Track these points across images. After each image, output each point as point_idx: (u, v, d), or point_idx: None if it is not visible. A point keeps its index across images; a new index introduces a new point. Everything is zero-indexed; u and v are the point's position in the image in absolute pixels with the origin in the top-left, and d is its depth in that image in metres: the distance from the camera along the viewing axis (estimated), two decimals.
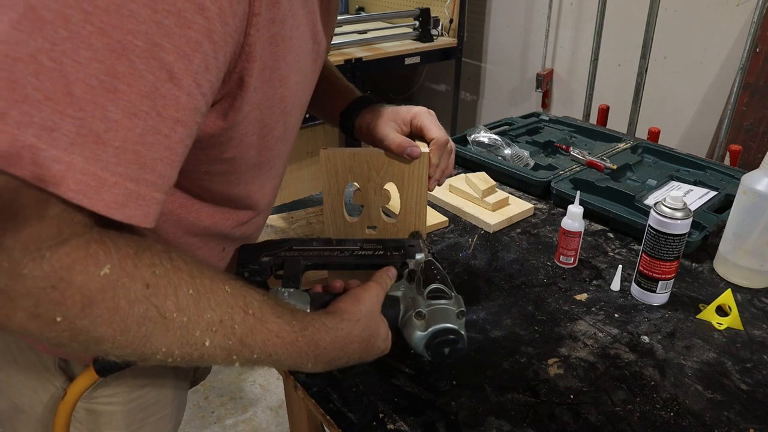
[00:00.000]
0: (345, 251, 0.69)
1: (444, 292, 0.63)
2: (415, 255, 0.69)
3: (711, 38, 1.97)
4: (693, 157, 1.24)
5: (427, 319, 0.60)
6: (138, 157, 0.39)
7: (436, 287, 0.63)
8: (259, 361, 0.51)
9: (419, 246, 0.71)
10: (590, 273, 0.90)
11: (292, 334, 0.52)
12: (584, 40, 2.36)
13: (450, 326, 0.59)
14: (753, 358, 0.73)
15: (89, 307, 0.40)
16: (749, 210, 0.84)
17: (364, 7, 2.94)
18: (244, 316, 0.48)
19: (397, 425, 0.63)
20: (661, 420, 0.64)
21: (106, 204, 0.38)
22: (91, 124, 0.36)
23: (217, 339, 0.47)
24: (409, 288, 0.65)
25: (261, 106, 0.52)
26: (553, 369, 0.70)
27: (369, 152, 0.73)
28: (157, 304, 0.43)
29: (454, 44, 2.52)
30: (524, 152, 1.24)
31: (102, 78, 0.36)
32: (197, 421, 1.78)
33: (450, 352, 0.60)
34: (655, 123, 1.79)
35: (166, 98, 0.39)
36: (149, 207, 0.41)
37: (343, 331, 0.56)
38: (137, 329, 0.42)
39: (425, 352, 0.60)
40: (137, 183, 0.39)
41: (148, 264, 0.43)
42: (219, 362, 0.49)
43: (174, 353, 0.45)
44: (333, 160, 0.73)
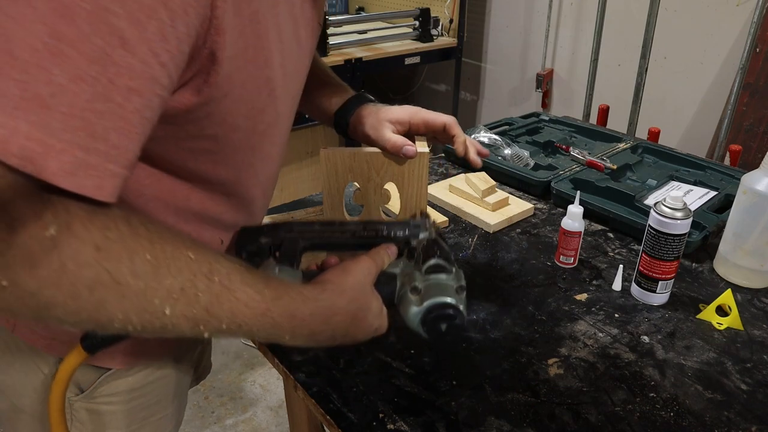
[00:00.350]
0: (346, 232, 0.66)
1: (443, 266, 0.59)
2: (419, 234, 0.65)
3: (711, 38, 1.97)
4: (693, 157, 1.24)
5: (422, 294, 0.57)
6: (87, 125, 0.37)
7: (435, 262, 0.59)
8: (231, 332, 0.48)
9: (425, 226, 0.66)
10: (590, 273, 0.90)
11: (263, 303, 0.49)
12: (584, 40, 2.36)
13: (447, 300, 0.56)
14: (753, 358, 0.73)
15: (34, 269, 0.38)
16: (749, 210, 0.84)
17: (364, 7, 2.94)
18: (209, 284, 0.46)
19: (397, 425, 0.63)
20: (661, 420, 0.64)
21: (52, 171, 0.36)
22: (36, 87, 0.35)
23: (179, 307, 0.44)
24: (407, 264, 0.62)
25: (246, 85, 0.51)
26: (553, 369, 0.70)
27: (369, 152, 0.73)
28: (110, 269, 0.40)
29: (454, 44, 2.52)
30: (524, 152, 1.24)
31: (46, 40, 0.35)
32: (197, 421, 1.78)
33: (447, 329, 0.56)
34: (655, 123, 1.79)
35: (118, 65, 0.38)
36: (102, 178, 0.39)
37: (324, 302, 0.53)
38: (89, 294, 0.40)
39: (421, 328, 0.57)
40: (87, 152, 0.38)
41: (100, 227, 0.40)
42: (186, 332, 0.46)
43: (132, 320, 0.43)
44: (333, 160, 0.73)
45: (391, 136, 0.72)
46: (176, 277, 0.44)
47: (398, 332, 0.76)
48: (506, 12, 2.65)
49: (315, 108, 0.83)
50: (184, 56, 0.43)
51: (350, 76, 2.22)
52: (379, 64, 2.31)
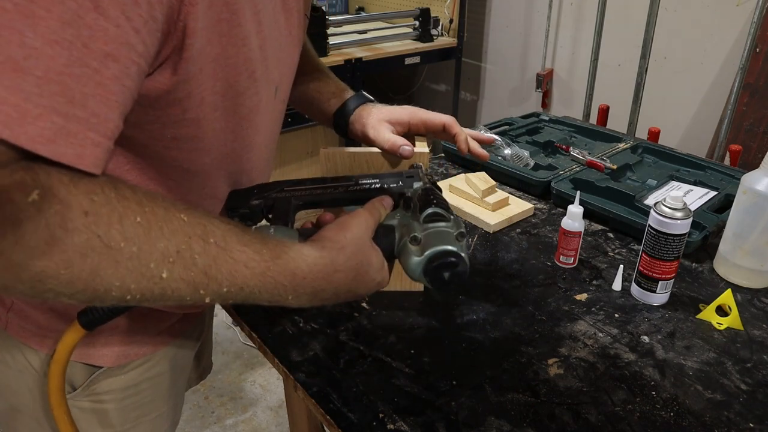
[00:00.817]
0: (339, 187, 0.64)
1: (441, 215, 0.58)
2: (413, 184, 0.64)
3: (711, 38, 1.97)
4: (693, 157, 1.24)
5: (423, 243, 0.55)
6: (64, 89, 0.37)
7: (432, 211, 0.58)
8: (232, 295, 0.47)
9: (418, 176, 0.66)
10: (590, 273, 0.90)
11: (263, 263, 0.48)
12: (584, 40, 2.36)
13: (448, 248, 0.54)
14: (753, 358, 0.73)
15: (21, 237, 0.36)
16: (749, 210, 0.84)
17: (364, 7, 2.94)
18: (205, 245, 0.45)
19: (397, 425, 0.62)
20: (661, 420, 0.64)
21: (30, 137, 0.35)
22: (9, 50, 0.34)
23: (176, 271, 0.43)
24: (404, 215, 0.60)
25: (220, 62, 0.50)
26: (553, 369, 0.70)
27: (369, 152, 0.73)
28: (100, 233, 0.39)
29: (454, 44, 2.52)
30: (524, 152, 1.24)
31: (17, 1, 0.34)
32: (197, 421, 1.78)
33: (451, 277, 0.55)
34: (655, 123, 1.79)
35: (92, 29, 0.37)
36: (83, 147, 0.38)
37: (324, 259, 0.52)
38: (81, 261, 0.39)
39: (424, 278, 0.56)
40: (66, 118, 0.37)
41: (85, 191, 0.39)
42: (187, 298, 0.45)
43: (130, 288, 0.42)
44: (333, 160, 0.73)
45: (389, 136, 0.72)
46: (170, 239, 0.43)
47: (398, 332, 0.76)
48: (506, 12, 2.65)
49: (314, 108, 0.83)
50: (157, 24, 0.42)
51: (350, 76, 2.22)
52: (379, 64, 2.31)
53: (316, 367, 0.70)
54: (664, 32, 1.98)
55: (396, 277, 0.82)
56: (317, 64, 0.85)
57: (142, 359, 0.71)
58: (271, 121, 0.67)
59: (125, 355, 0.68)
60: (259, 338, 0.75)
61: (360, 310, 0.80)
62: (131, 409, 0.72)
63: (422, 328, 0.77)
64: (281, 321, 0.78)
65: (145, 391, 0.72)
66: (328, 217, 0.61)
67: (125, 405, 0.71)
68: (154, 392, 0.74)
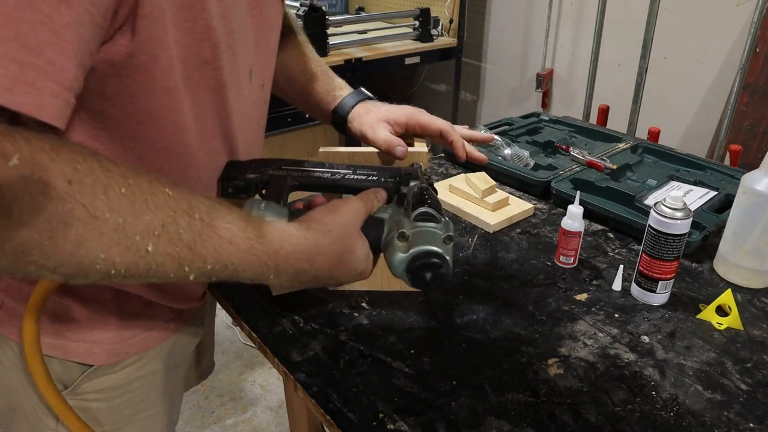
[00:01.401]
0: (337, 174, 0.65)
1: (432, 215, 0.58)
2: (410, 182, 0.64)
3: (711, 38, 1.97)
4: (693, 157, 1.24)
5: (409, 241, 0.55)
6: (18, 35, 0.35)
7: (424, 210, 0.58)
8: (216, 273, 0.47)
9: (416, 174, 0.66)
10: (590, 273, 0.90)
11: (247, 240, 0.47)
12: (584, 40, 2.36)
13: (433, 249, 0.54)
14: (753, 358, 0.73)
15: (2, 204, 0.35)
16: (749, 210, 0.84)
17: (364, 7, 2.94)
18: (190, 221, 0.44)
19: (397, 425, 0.63)
20: (661, 420, 0.64)
21: None
22: None
23: (162, 245, 0.42)
24: (396, 211, 0.60)
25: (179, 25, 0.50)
26: (553, 369, 0.70)
27: (367, 152, 0.73)
28: (84, 203, 0.38)
29: (454, 44, 2.52)
30: (524, 152, 1.24)
31: None
32: (197, 421, 1.78)
33: (432, 279, 0.55)
34: (655, 123, 1.79)
35: None
36: (42, 96, 0.37)
37: (309, 240, 0.51)
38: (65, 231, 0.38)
39: (405, 275, 0.56)
40: (22, 66, 0.36)
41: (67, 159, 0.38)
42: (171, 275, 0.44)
43: (115, 261, 0.41)
44: (331, 160, 0.73)
45: (386, 135, 0.72)
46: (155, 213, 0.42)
47: (398, 332, 0.76)
48: (506, 12, 2.65)
49: (314, 105, 0.83)
50: None
51: (350, 76, 2.22)
52: (379, 64, 2.31)
53: (316, 367, 0.70)
54: (664, 32, 1.98)
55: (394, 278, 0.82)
56: (318, 63, 0.85)
57: (134, 357, 0.70)
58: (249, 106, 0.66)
59: (117, 353, 0.68)
60: (259, 338, 0.75)
61: (360, 310, 0.80)
62: (123, 408, 0.71)
63: (422, 328, 0.77)
64: (281, 321, 0.78)
65: (138, 390, 0.72)
66: (320, 200, 0.61)
67: (116, 404, 0.70)
68: (148, 390, 0.73)
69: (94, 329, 0.65)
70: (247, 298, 0.82)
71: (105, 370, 0.68)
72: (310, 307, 0.80)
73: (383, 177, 0.65)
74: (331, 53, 2.18)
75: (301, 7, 2.05)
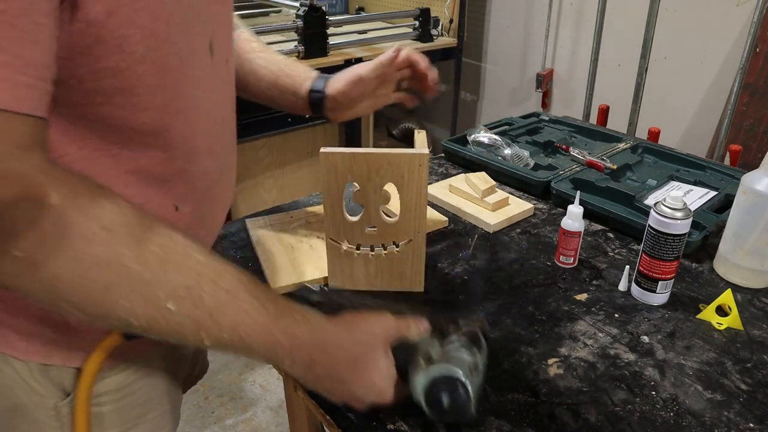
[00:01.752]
0: None
1: (464, 343, 0.57)
2: None
3: (711, 38, 1.97)
4: (693, 157, 1.24)
5: (435, 363, 0.55)
6: None
7: (458, 338, 0.58)
8: (231, 344, 0.47)
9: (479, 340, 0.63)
10: (590, 273, 0.90)
11: (266, 317, 0.48)
12: (584, 40, 2.36)
13: (455, 373, 0.53)
14: (753, 358, 0.73)
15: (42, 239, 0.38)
16: (749, 210, 0.84)
17: (364, 7, 2.94)
18: (215, 288, 0.46)
19: (397, 425, 0.62)
20: (661, 420, 0.64)
21: None
22: None
23: (184, 306, 0.44)
24: (431, 339, 0.59)
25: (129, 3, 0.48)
26: (553, 369, 0.70)
27: (368, 153, 0.73)
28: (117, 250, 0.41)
29: (454, 44, 2.52)
30: (524, 152, 1.24)
31: None
32: (197, 421, 1.78)
33: (450, 405, 0.53)
34: (655, 123, 1.79)
35: None
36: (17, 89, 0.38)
37: (328, 332, 0.52)
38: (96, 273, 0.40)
39: (422, 395, 0.54)
40: None
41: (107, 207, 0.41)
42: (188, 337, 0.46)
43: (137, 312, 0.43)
44: (332, 160, 0.73)
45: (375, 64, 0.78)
46: (182, 274, 0.44)
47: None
48: (506, 12, 2.65)
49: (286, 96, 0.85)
50: None
51: None
52: None
53: None
54: (664, 32, 1.98)
55: (395, 277, 0.82)
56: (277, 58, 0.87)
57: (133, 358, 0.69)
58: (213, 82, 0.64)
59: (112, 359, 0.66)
60: None
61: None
62: (130, 409, 0.71)
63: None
64: None
65: (141, 390, 0.71)
66: None
67: (123, 405, 0.70)
68: (151, 390, 0.72)
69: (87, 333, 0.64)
70: None
71: (105, 373, 0.67)
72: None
73: None
74: (331, 53, 2.18)
75: (301, 7, 2.05)
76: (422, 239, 0.80)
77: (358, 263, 0.82)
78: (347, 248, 0.80)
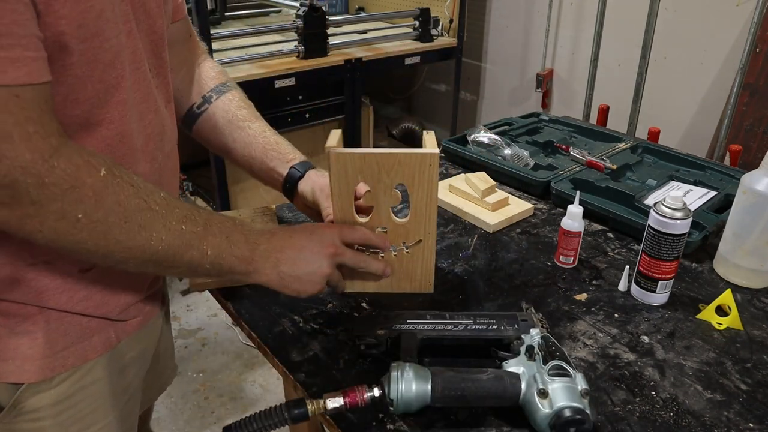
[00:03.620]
0: (459, 325, 0.71)
1: (565, 369, 0.61)
2: (530, 330, 0.69)
3: (711, 38, 1.97)
4: (693, 157, 1.24)
5: (550, 397, 0.58)
6: None
7: (557, 364, 0.62)
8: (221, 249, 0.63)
9: (532, 321, 0.71)
10: (590, 273, 0.90)
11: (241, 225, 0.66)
12: (584, 40, 2.36)
13: (576, 405, 0.57)
14: (753, 358, 0.73)
15: (101, 200, 0.52)
16: (749, 210, 0.84)
17: (364, 7, 2.94)
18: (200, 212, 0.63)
19: (397, 425, 0.63)
20: (661, 420, 0.64)
21: None
22: None
23: (188, 226, 0.60)
24: (528, 365, 0.63)
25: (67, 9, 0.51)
26: None
27: (379, 153, 0.72)
28: (145, 198, 0.56)
29: (454, 44, 2.52)
30: (524, 152, 1.24)
31: None
32: (197, 422, 1.78)
33: None
34: (655, 123, 1.79)
35: None
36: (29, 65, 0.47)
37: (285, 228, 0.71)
38: (135, 217, 0.55)
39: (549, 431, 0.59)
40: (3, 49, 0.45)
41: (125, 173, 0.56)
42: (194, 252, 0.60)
43: (162, 238, 0.57)
44: (343, 161, 0.72)
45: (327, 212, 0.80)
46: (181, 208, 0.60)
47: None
48: (506, 12, 2.65)
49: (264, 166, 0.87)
50: None
51: (350, 76, 2.22)
52: (379, 64, 2.31)
53: (316, 367, 0.70)
54: (664, 32, 1.98)
55: (405, 279, 0.82)
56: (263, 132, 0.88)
57: (70, 370, 0.65)
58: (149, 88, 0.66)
59: (50, 367, 0.64)
60: (258, 338, 0.75)
61: (360, 310, 0.80)
62: (70, 424, 0.67)
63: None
64: (281, 321, 0.78)
65: (82, 402, 0.67)
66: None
67: (62, 420, 0.66)
68: (94, 401, 0.69)
69: (21, 345, 0.62)
70: (246, 299, 0.82)
71: (42, 387, 0.64)
72: (310, 307, 0.80)
73: (502, 325, 0.71)
74: (331, 53, 2.19)
75: (301, 7, 2.05)
76: (432, 240, 0.79)
77: None
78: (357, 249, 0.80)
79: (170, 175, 0.74)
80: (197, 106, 0.86)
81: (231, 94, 0.88)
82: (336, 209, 0.76)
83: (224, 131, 0.86)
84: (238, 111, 0.87)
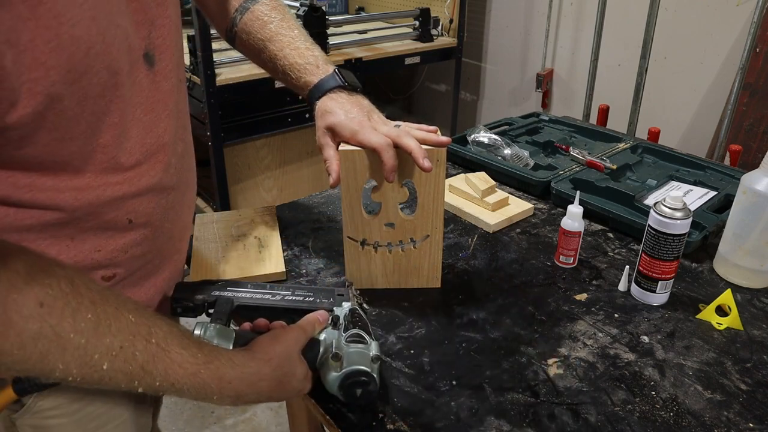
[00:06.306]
0: (276, 295, 0.73)
1: (362, 337, 0.66)
2: (342, 303, 0.73)
3: (711, 38, 1.97)
4: (693, 157, 1.24)
5: (342, 361, 0.62)
6: None
7: (355, 332, 0.66)
8: (162, 389, 0.52)
9: (348, 295, 0.76)
10: (590, 273, 0.90)
11: (195, 365, 0.53)
12: (584, 40, 2.36)
13: (362, 368, 0.62)
14: (753, 358, 0.73)
15: None
16: (749, 210, 0.84)
17: (364, 7, 2.94)
18: (146, 344, 0.50)
19: (397, 425, 0.63)
20: (661, 420, 0.64)
21: None
22: None
23: (117, 363, 0.48)
24: (331, 333, 0.67)
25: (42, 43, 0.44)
26: (552, 369, 0.70)
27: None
28: (52, 324, 0.44)
29: (454, 44, 2.52)
30: (524, 152, 1.24)
31: None
32: (197, 421, 1.78)
33: (362, 394, 0.62)
34: (655, 123, 1.79)
35: None
36: None
37: (251, 368, 0.57)
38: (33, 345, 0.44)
39: (338, 392, 0.62)
40: None
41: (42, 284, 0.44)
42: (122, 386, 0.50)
43: (72, 372, 0.47)
44: (351, 158, 0.73)
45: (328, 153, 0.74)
46: (116, 336, 0.48)
47: (398, 332, 0.76)
48: (506, 12, 2.65)
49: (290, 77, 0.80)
50: None
51: None
52: (379, 64, 2.31)
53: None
54: (664, 32, 1.98)
55: (412, 274, 0.83)
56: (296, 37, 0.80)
57: None
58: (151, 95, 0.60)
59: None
60: None
61: (360, 309, 0.80)
62: (87, 421, 0.68)
63: (422, 328, 0.77)
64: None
65: (99, 400, 0.68)
66: (263, 323, 0.67)
67: (80, 417, 0.67)
68: (109, 398, 0.69)
69: None
70: None
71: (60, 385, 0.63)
72: None
73: (318, 298, 0.74)
74: (331, 53, 2.18)
75: (301, 7, 2.05)
76: (440, 235, 0.80)
77: (376, 261, 0.82)
78: (365, 246, 0.81)
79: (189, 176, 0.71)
80: (228, 30, 0.84)
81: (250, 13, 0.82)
82: (345, 205, 0.78)
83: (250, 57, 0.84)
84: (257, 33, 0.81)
